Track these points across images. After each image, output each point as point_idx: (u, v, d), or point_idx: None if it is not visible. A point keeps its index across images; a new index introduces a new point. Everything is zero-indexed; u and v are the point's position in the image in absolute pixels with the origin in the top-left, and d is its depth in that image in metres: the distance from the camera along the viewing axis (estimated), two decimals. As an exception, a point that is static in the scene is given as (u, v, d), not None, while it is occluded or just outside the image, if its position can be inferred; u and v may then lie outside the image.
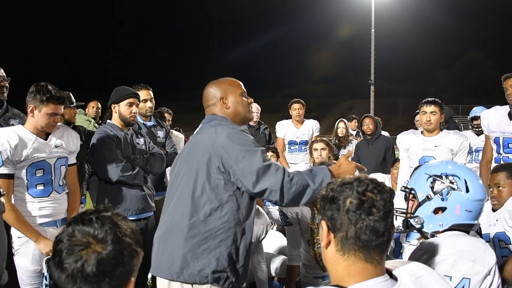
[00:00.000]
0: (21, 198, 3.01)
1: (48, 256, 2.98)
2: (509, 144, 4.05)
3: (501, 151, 4.12)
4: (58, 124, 3.19)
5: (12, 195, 2.98)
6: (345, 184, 1.32)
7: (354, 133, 8.92)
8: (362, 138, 6.76)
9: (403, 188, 2.20)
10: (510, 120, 4.03)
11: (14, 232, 2.98)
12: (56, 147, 3.14)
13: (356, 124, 8.90)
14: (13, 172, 2.92)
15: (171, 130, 5.37)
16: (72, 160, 3.32)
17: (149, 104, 4.47)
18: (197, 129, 2.53)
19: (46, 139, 3.10)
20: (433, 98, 4.18)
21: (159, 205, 4.42)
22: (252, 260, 3.73)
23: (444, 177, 2.04)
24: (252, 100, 2.62)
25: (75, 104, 4.72)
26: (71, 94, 4.65)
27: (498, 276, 1.90)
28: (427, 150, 4.06)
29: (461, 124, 8.88)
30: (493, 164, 4.22)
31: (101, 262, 1.11)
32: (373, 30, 25.24)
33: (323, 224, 1.35)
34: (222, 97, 2.48)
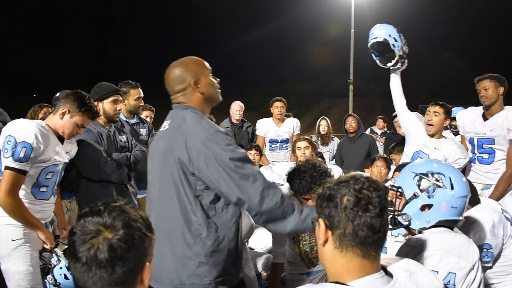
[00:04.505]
0: (24, 196, 2.85)
1: (48, 249, 2.94)
2: (483, 145, 4.14)
3: (476, 151, 4.21)
4: None
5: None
6: (341, 183, 1.35)
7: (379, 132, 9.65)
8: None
9: (390, 187, 2.25)
10: (484, 121, 4.12)
11: (8, 234, 2.81)
12: (66, 152, 3.08)
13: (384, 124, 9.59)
14: (28, 170, 2.80)
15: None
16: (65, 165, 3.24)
17: (141, 102, 4.50)
18: (166, 124, 2.31)
19: (62, 142, 3.03)
20: (440, 102, 4.07)
21: (142, 203, 4.41)
22: None
23: (430, 175, 2.10)
24: (219, 79, 2.36)
25: None
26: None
27: (481, 271, 1.96)
28: (426, 148, 4.04)
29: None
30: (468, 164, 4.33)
31: (113, 247, 1.15)
32: (352, 31, 25.48)
33: (321, 222, 1.38)
34: (195, 80, 2.24)
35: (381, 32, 4.08)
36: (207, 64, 2.34)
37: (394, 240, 2.76)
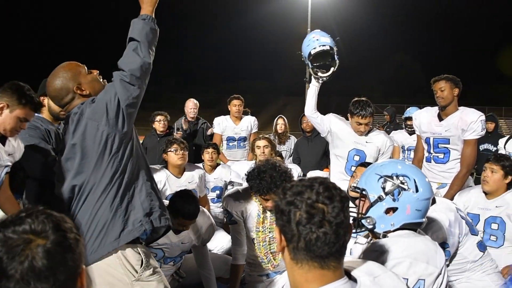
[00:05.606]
0: None
1: None
2: (439, 144, 4.23)
3: (431, 151, 4.29)
4: None
5: None
6: (296, 194, 1.28)
7: None
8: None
9: (353, 188, 2.20)
10: (440, 121, 4.21)
11: None
12: (8, 155, 2.76)
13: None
14: None
15: None
16: (9, 168, 2.91)
17: None
18: (71, 131, 2.21)
19: (3, 143, 2.70)
20: (365, 106, 4.03)
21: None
22: (198, 263, 3.64)
23: (394, 177, 2.05)
24: (98, 71, 2.35)
25: None
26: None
27: (447, 274, 1.95)
28: (359, 144, 4.13)
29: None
30: (424, 163, 4.41)
31: (50, 252, 1.02)
32: (309, 30, 25.78)
33: (276, 232, 1.32)
34: (77, 86, 2.23)
35: (327, 40, 4.01)
36: (78, 63, 2.31)
37: (354, 241, 2.72)
